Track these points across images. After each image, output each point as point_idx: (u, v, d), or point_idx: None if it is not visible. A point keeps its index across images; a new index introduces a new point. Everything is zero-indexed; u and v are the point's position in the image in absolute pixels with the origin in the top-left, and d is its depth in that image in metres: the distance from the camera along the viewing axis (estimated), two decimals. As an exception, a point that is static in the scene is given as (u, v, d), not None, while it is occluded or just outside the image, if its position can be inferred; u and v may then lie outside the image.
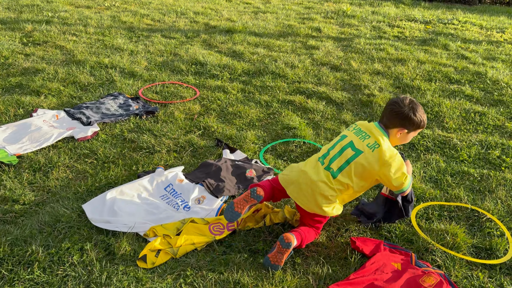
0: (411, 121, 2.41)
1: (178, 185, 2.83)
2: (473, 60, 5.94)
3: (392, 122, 2.44)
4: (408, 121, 2.41)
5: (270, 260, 2.27)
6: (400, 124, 2.42)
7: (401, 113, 2.40)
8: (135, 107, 3.89)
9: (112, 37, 6.16)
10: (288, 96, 4.49)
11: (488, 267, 2.44)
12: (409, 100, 2.44)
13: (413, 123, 2.42)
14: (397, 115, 2.41)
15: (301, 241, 2.37)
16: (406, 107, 2.40)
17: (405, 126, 2.43)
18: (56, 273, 2.15)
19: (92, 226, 2.46)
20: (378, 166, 2.33)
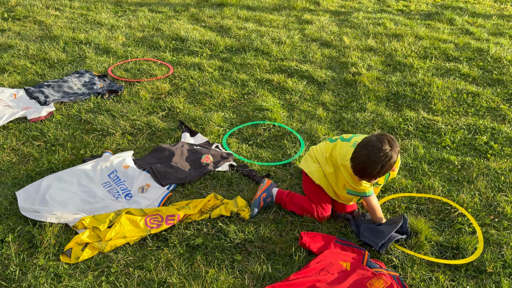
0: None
1: (123, 171, 2.63)
2: (478, 36, 5.50)
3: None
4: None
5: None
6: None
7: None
8: (99, 86, 3.69)
9: (97, 11, 5.92)
10: (268, 75, 4.21)
11: (452, 269, 2.19)
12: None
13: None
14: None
15: (282, 195, 2.46)
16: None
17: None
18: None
19: (21, 215, 2.30)
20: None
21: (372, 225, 2.35)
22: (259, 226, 2.36)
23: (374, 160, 2.01)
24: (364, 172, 2.07)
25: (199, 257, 2.15)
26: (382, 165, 2.02)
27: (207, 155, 2.86)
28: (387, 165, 2.04)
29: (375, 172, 2.04)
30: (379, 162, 2.01)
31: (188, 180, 2.65)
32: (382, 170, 2.04)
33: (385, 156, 2.02)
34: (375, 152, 2.02)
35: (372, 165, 2.02)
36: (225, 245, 2.23)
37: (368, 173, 2.06)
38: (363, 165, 2.04)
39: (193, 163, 2.81)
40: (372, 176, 2.08)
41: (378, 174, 2.07)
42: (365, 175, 2.08)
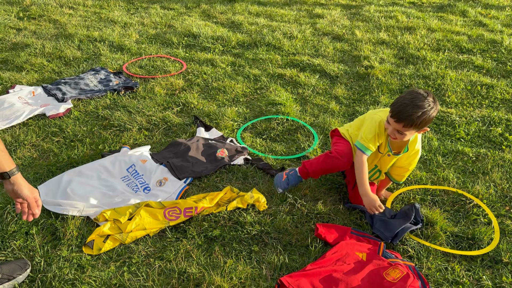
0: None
1: (141, 165, 2.69)
2: (491, 28, 5.45)
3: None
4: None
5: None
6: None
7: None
8: (115, 83, 3.75)
9: (110, 9, 6.00)
10: (280, 69, 4.23)
11: (468, 259, 2.21)
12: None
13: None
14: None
15: (304, 164, 2.47)
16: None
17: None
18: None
19: (43, 208, 2.36)
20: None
21: (384, 218, 2.37)
22: (275, 218, 2.40)
23: (417, 104, 2.07)
24: (404, 113, 2.07)
25: (217, 248, 2.19)
26: (423, 112, 2.06)
27: (222, 149, 2.91)
28: (426, 114, 2.07)
29: (414, 116, 2.05)
30: (422, 107, 2.06)
31: (204, 173, 2.70)
32: (421, 118, 2.06)
33: (428, 105, 2.07)
34: (420, 98, 2.07)
35: (414, 108, 2.05)
36: (242, 236, 2.27)
37: (407, 115, 2.06)
38: (405, 106, 2.07)
39: (209, 157, 2.85)
40: (409, 120, 2.07)
41: (417, 120, 2.06)
42: (403, 117, 2.08)
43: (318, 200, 2.54)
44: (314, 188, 2.65)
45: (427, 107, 2.07)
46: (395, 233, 2.25)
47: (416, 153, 2.38)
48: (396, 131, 2.18)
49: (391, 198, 2.56)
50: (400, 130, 2.15)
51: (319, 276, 2.03)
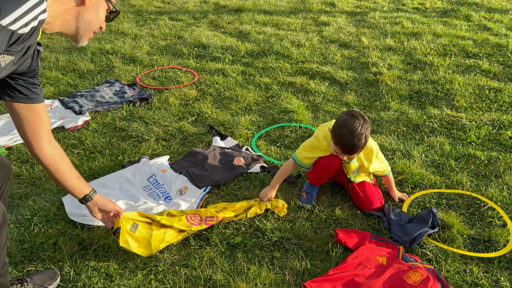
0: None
1: (161, 175, 2.76)
2: (496, 31, 5.51)
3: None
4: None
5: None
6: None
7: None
8: (130, 94, 3.83)
9: (119, 21, 6.10)
10: (290, 77, 4.31)
11: (485, 261, 2.25)
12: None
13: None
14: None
15: (307, 176, 2.65)
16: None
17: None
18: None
19: (69, 219, 2.43)
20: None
21: (402, 222, 2.42)
22: (294, 224, 2.46)
23: (357, 134, 2.22)
24: (353, 148, 2.26)
25: (240, 254, 2.25)
26: (365, 137, 2.26)
27: (238, 158, 2.97)
28: (367, 137, 2.28)
29: (361, 145, 2.27)
30: (361, 135, 2.24)
31: (222, 181, 2.76)
32: (366, 142, 2.29)
33: (364, 128, 2.24)
34: (356, 127, 2.23)
35: (358, 140, 2.23)
36: (264, 242, 2.33)
37: (356, 149, 2.27)
38: (349, 142, 2.24)
39: (226, 165, 2.92)
40: (359, 150, 2.30)
41: (364, 145, 2.29)
42: (354, 151, 2.29)
43: (335, 206, 2.60)
44: (331, 194, 2.70)
45: (364, 131, 2.25)
46: (413, 237, 2.30)
47: (369, 152, 2.52)
48: (347, 158, 2.45)
49: (407, 202, 2.62)
50: (351, 157, 2.45)
51: (342, 280, 2.08)
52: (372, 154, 2.52)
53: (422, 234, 2.31)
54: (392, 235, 2.36)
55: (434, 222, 2.39)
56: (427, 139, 3.25)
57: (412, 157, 3.03)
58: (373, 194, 2.57)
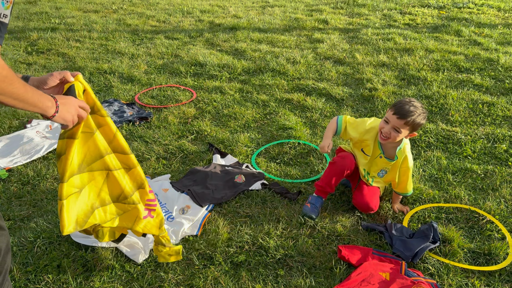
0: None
1: (163, 195, 2.77)
2: (486, 46, 5.64)
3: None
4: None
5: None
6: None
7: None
8: (129, 113, 3.86)
9: (115, 41, 6.16)
10: (287, 94, 4.37)
11: (486, 274, 2.28)
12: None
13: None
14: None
15: (317, 185, 2.72)
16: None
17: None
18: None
19: (73, 241, 2.43)
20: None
21: (403, 237, 2.46)
22: (297, 241, 2.48)
23: (415, 105, 2.43)
24: (405, 110, 2.40)
25: (244, 273, 2.26)
26: (420, 112, 2.42)
27: (239, 175, 3.00)
28: (421, 115, 2.43)
29: (414, 114, 2.40)
30: (418, 108, 2.42)
31: (224, 199, 2.78)
32: (418, 117, 2.42)
33: (422, 109, 2.44)
34: (416, 103, 2.45)
35: (412, 107, 2.40)
36: (267, 260, 2.34)
37: (407, 111, 2.39)
38: (405, 104, 2.42)
39: (227, 183, 2.94)
40: (409, 116, 2.39)
41: (415, 117, 2.40)
42: (404, 112, 2.40)
43: (337, 222, 2.63)
44: (332, 210, 2.73)
45: (420, 106, 2.44)
46: (415, 252, 2.33)
47: (407, 163, 2.60)
48: (393, 129, 2.45)
49: (407, 217, 2.65)
50: (398, 127, 2.43)
51: (346, 297, 2.10)
52: (406, 163, 2.61)
53: (424, 249, 2.34)
54: (394, 251, 2.39)
55: (435, 236, 2.42)
56: (424, 153, 3.31)
57: (410, 172, 3.07)
58: (373, 196, 2.66)
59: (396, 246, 2.39)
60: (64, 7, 8.21)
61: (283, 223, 2.62)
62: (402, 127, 2.42)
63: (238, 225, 2.60)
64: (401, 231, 2.51)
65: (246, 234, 2.51)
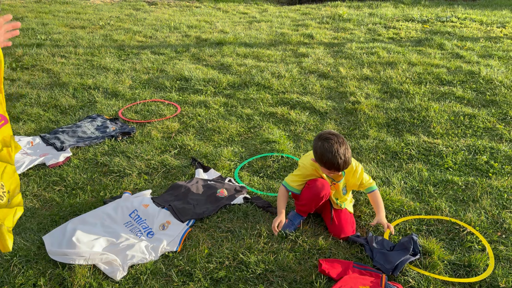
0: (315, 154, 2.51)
1: (143, 210, 2.75)
2: (468, 59, 5.74)
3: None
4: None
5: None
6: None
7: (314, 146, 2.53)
8: (112, 129, 3.84)
9: (101, 56, 6.16)
10: (271, 108, 4.39)
11: (466, 286, 2.28)
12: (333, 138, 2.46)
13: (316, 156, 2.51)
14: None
15: (296, 204, 2.73)
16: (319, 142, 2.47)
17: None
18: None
19: (50, 259, 2.39)
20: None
21: (384, 250, 2.45)
22: (277, 255, 2.46)
23: (340, 151, 2.40)
24: (341, 165, 2.42)
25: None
26: (348, 152, 2.44)
27: (221, 189, 2.99)
28: (349, 151, 2.46)
29: (348, 161, 2.44)
30: (345, 150, 2.42)
31: (206, 214, 2.76)
32: (350, 156, 2.47)
33: (343, 143, 2.42)
34: (335, 145, 2.40)
35: (342, 156, 2.40)
36: (248, 276, 2.32)
37: (345, 164, 2.43)
38: (335, 158, 2.40)
39: (209, 198, 2.93)
40: (347, 166, 2.46)
41: (349, 160, 2.45)
42: (343, 167, 2.44)
43: (318, 236, 2.62)
44: (314, 224, 2.73)
45: (343, 144, 2.42)
46: (395, 265, 2.33)
47: (355, 171, 2.66)
48: (337, 175, 2.59)
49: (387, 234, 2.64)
50: (343, 171, 2.58)
51: (326, 311, 2.08)
52: (356, 171, 2.66)
53: (404, 261, 2.34)
54: (374, 263, 2.38)
55: (415, 249, 2.42)
56: (405, 166, 3.33)
57: (391, 184, 3.09)
58: (347, 222, 2.63)
59: (377, 259, 2.39)
60: (51, 23, 8.21)
61: (265, 237, 2.60)
62: (346, 170, 2.57)
63: (219, 240, 2.58)
64: (381, 244, 2.51)
65: (226, 249, 2.49)
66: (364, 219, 2.78)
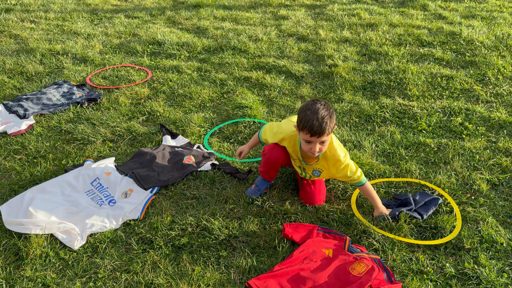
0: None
1: (105, 178, 2.66)
2: (450, 20, 5.60)
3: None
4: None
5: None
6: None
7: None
8: (78, 95, 3.70)
9: (73, 21, 5.91)
10: (246, 72, 4.25)
11: (432, 248, 2.26)
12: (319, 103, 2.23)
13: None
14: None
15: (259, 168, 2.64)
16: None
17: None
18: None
19: (5, 229, 2.31)
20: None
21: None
22: (243, 221, 2.41)
23: (323, 114, 2.17)
24: (319, 127, 2.17)
25: (185, 256, 2.19)
26: (330, 116, 2.19)
27: (188, 156, 2.90)
28: (333, 115, 2.23)
29: (329, 124, 2.18)
30: (327, 113, 2.19)
31: (171, 181, 2.69)
32: (333, 122, 2.22)
33: (328, 109, 2.20)
34: (319, 108, 2.19)
35: (324, 119, 2.16)
36: (210, 242, 2.27)
37: (323, 127, 2.17)
38: (315, 121, 2.16)
39: (175, 165, 2.84)
40: (326, 130, 2.18)
41: (331, 124, 2.20)
42: (321, 130, 2.17)
43: (285, 200, 2.57)
44: (282, 189, 2.67)
45: (328, 111, 2.19)
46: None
47: (338, 162, 2.37)
48: (320, 144, 2.24)
49: (355, 195, 2.59)
50: (323, 140, 2.22)
51: (287, 276, 2.05)
52: (338, 163, 2.37)
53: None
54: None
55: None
56: (378, 129, 3.26)
57: (362, 147, 3.02)
58: (320, 192, 2.53)
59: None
60: (22, -13, 7.83)
61: (231, 203, 2.55)
62: (326, 138, 2.22)
63: (183, 207, 2.52)
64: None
65: (190, 216, 2.43)
66: (332, 182, 2.72)
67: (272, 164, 2.52)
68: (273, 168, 2.54)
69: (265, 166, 2.56)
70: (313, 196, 2.51)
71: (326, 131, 2.18)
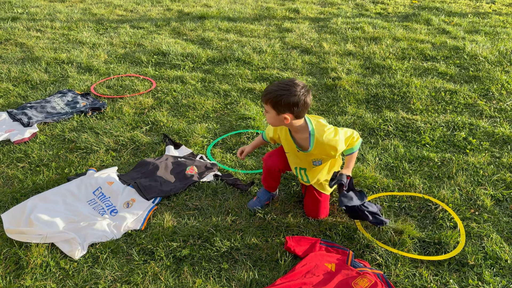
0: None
1: (107, 188, 2.65)
2: (454, 35, 5.62)
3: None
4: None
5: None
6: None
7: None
8: (82, 104, 3.71)
9: (78, 31, 5.96)
10: (250, 84, 4.26)
11: (436, 264, 2.23)
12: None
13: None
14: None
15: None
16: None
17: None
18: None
19: (7, 237, 2.30)
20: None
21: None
22: (245, 233, 2.39)
23: (281, 87, 2.13)
24: (266, 90, 2.17)
25: (186, 268, 2.17)
26: (281, 93, 2.12)
27: (191, 167, 2.90)
28: (283, 96, 2.11)
29: (273, 94, 2.13)
30: (283, 89, 2.12)
31: (173, 192, 2.68)
32: (278, 98, 2.12)
33: (290, 91, 2.11)
34: (288, 84, 2.14)
35: (276, 88, 2.13)
36: (212, 254, 2.26)
37: (267, 92, 2.16)
38: (271, 86, 2.17)
39: (178, 175, 2.84)
40: (268, 96, 2.15)
41: (273, 98, 2.13)
42: (264, 93, 2.17)
43: (288, 213, 2.55)
44: (285, 201, 2.65)
45: (286, 91, 2.11)
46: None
47: (324, 131, 2.26)
48: (265, 112, 2.24)
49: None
50: (266, 109, 2.21)
51: (289, 290, 2.02)
52: (327, 131, 2.26)
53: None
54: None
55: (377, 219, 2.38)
56: (381, 142, 3.25)
57: (366, 160, 3.01)
58: (322, 206, 2.51)
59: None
60: (29, -4, 7.92)
61: (233, 215, 2.53)
62: (267, 107, 2.20)
63: (185, 218, 2.50)
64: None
65: (192, 227, 2.42)
66: (335, 195, 2.70)
67: (270, 171, 2.52)
68: (271, 177, 2.53)
69: (264, 173, 2.57)
70: (316, 209, 2.49)
71: (265, 100, 2.17)
